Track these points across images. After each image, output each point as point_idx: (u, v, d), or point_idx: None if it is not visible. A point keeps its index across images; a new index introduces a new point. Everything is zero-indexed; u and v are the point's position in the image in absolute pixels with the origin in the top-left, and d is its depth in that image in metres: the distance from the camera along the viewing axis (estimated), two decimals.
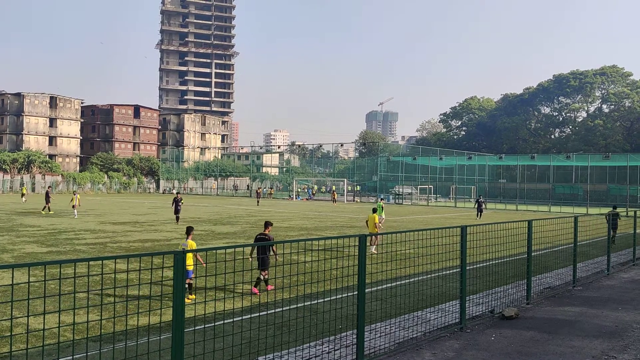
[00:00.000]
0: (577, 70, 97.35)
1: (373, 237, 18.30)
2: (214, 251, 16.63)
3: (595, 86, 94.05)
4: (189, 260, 11.13)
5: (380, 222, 30.22)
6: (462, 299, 9.54)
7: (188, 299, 11.04)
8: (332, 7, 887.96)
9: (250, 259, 12.40)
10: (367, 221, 19.92)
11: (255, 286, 12.12)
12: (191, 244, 12.17)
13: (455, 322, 9.64)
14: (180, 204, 30.23)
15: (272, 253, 12.34)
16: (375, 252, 18.08)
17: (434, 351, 8.25)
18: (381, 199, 34.54)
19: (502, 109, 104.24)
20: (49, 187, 43.70)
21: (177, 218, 29.82)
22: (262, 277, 12.24)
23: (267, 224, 12.87)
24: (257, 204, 55.20)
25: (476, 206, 42.31)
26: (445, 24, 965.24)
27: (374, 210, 20.44)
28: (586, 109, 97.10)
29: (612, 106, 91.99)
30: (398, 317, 9.74)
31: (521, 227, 11.62)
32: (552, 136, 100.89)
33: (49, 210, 36.87)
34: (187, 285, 11.26)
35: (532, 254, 11.79)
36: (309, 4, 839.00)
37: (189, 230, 12.56)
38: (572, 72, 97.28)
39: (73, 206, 33.55)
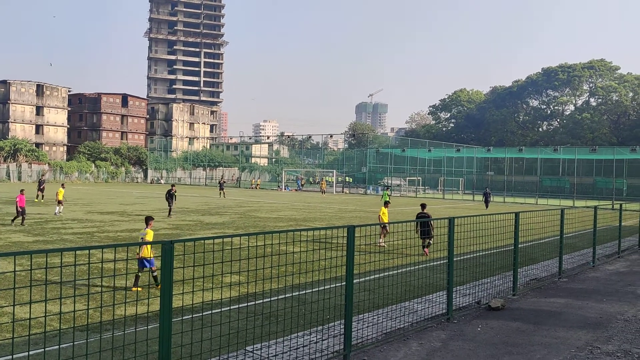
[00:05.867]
0: (565, 63, 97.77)
1: (384, 229, 18.42)
2: (202, 241, 16.60)
3: (584, 80, 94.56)
4: (149, 249, 11.45)
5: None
6: (449, 290, 9.61)
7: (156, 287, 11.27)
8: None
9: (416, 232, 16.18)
10: (380, 215, 20.00)
11: (425, 248, 16.15)
12: (150, 232, 12.09)
13: (442, 312, 9.71)
14: (174, 197, 28.93)
15: (431, 227, 16.31)
16: (384, 244, 18.10)
17: (420, 341, 8.31)
18: (386, 187, 36.03)
19: (491, 101, 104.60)
20: (42, 175, 43.25)
21: (170, 210, 28.62)
22: (427, 243, 16.14)
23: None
24: (221, 196, 48.32)
25: (484, 198, 43.86)
26: (435, 16, 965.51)
27: (386, 204, 20.51)
28: (574, 102, 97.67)
29: (600, 100, 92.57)
30: (386, 308, 9.80)
31: (508, 219, 11.70)
32: (540, 129, 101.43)
33: (42, 199, 37.23)
34: (153, 276, 11.47)
35: (519, 245, 11.89)
36: None
37: (148, 220, 12.44)
38: (560, 65, 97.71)
39: (59, 201, 28.32)
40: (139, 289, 11.45)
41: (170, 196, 28.61)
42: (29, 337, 4.88)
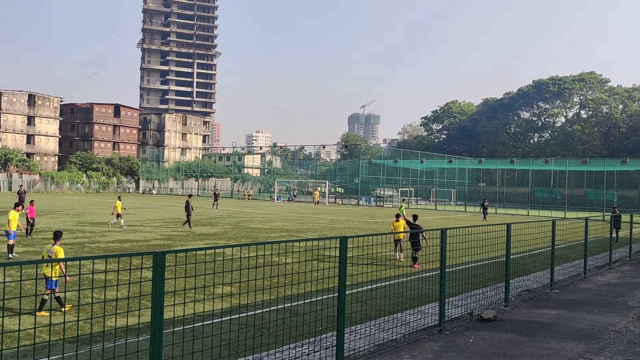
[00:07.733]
0: (556, 76, 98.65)
1: (401, 243, 18.44)
2: (194, 252, 16.53)
3: (574, 92, 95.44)
4: (55, 269, 10.07)
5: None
6: (442, 301, 9.60)
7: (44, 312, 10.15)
8: (314, 10, 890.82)
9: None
10: (392, 229, 20.04)
11: (414, 263, 16.40)
12: (59, 250, 10.77)
13: (434, 324, 9.69)
14: (191, 206, 28.58)
15: (422, 237, 16.50)
16: (402, 259, 18.06)
17: (413, 353, 8.29)
18: (402, 200, 36.98)
19: (483, 113, 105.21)
20: (20, 186, 42.46)
21: (189, 222, 28.31)
22: (416, 255, 16.38)
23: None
24: (214, 207, 48.05)
25: (482, 209, 45.00)
26: (427, 29, 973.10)
27: (397, 217, 20.62)
28: (565, 114, 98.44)
29: (590, 112, 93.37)
30: (378, 319, 9.77)
31: (500, 230, 11.74)
32: (532, 141, 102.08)
33: (22, 210, 36.70)
34: (54, 298, 10.25)
35: (511, 257, 11.92)
36: (291, 5, 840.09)
37: (57, 235, 11.13)
38: (551, 77, 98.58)
39: (118, 215, 28.53)
40: (44, 313, 10.10)
41: (187, 207, 28.51)
42: (18, 349, 4.83)
